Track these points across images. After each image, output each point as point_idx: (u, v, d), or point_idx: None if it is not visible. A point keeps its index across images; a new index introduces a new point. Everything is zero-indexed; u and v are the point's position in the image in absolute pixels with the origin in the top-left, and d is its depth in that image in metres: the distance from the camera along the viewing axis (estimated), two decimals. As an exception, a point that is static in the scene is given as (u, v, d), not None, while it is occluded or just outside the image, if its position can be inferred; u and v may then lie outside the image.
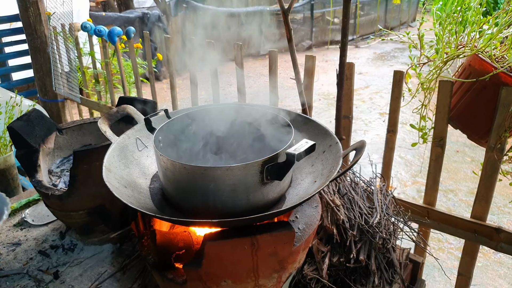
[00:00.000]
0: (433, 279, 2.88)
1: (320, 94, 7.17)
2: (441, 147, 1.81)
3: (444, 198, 3.91)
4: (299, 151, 0.95)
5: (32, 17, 3.90)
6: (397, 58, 9.79)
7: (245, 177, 0.99)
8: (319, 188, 1.03)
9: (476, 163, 4.60)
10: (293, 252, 1.07)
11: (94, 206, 1.58)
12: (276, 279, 1.10)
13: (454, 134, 4.32)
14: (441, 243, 3.28)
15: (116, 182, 1.10)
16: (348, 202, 1.54)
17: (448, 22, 1.78)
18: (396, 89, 1.91)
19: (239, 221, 0.95)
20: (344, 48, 1.72)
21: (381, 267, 1.45)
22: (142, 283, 1.48)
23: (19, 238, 1.76)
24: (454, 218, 1.83)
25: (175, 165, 1.02)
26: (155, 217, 0.97)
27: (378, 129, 5.62)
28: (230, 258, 1.00)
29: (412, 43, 1.88)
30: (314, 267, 1.40)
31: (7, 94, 3.18)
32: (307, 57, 2.09)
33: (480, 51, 1.66)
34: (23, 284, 1.50)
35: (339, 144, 1.18)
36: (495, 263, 3.07)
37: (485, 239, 1.75)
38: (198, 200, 1.04)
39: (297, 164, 1.22)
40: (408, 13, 13.81)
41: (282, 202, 1.13)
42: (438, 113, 1.77)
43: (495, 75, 1.57)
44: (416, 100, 1.92)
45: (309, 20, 10.98)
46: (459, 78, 1.77)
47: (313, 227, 1.16)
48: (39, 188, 1.57)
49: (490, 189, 1.70)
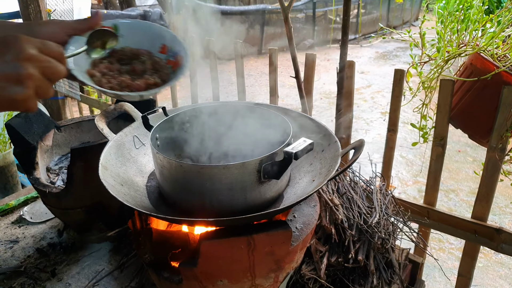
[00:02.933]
0: (433, 279, 2.87)
1: (322, 93, 7.16)
2: (441, 146, 1.79)
3: (445, 198, 3.90)
4: (297, 149, 0.94)
5: (32, 14, 3.89)
6: (399, 57, 9.76)
7: (242, 176, 0.98)
8: (317, 187, 1.02)
9: (478, 163, 4.58)
10: (291, 252, 1.06)
11: (91, 204, 1.57)
12: (273, 279, 1.09)
13: (455, 133, 4.30)
14: (442, 243, 3.27)
15: (112, 180, 1.09)
16: (347, 202, 1.53)
17: (450, 21, 1.77)
18: (396, 88, 1.89)
19: (236, 220, 0.94)
20: (344, 46, 1.71)
21: (380, 268, 1.44)
22: (140, 282, 1.47)
23: (17, 235, 1.76)
24: (454, 218, 1.81)
25: (171, 163, 1.01)
26: (151, 216, 0.96)
27: (379, 129, 5.60)
28: (226, 257, 0.99)
29: (413, 42, 1.86)
30: (312, 267, 1.39)
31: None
32: (307, 56, 2.07)
33: (482, 50, 1.64)
34: (20, 281, 1.49)
35: (338, 143, 1.17)
36: (496, 264, 3.05)
37: (486, 240, 1.74)
38: (194, 198, 1.03)
39: (295, 163, 1.21)
40: (410, 12, 13.78)
41: (279, 201, 1.12)
42: (439, 112, 1.76)
43: (497, 74, 1.56)
44: (417, 99, 1.91)
45: (311, 18, 10.96)
46: (460, 77, 1.75)
47: (311, 227, 1.15)
48: (36, 186, 1.56)
49: (491, 189, 1.69)
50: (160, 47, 1.06)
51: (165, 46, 1.06)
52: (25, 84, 0.64)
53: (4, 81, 0.63)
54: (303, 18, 10.97)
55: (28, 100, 0.66)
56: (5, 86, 0.63)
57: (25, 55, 0.65)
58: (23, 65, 0.64)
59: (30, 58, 0.66)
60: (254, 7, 10.39)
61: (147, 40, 1.05)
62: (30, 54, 0.66)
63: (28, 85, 0.65)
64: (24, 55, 0.65)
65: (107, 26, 0.97)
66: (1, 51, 0.64)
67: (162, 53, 1.06)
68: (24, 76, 0.64)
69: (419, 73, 1.84)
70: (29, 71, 0.65)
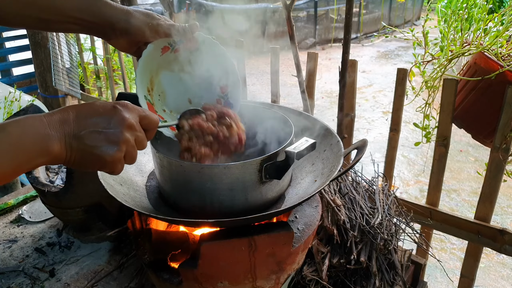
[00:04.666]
0: (435, 280, 2.85)
1: (323, 92, 7.13)
2: (444, 146, 1.78)
3: (447, 198, 3.88)
4: (299, 149, 0.93)
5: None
6: (401, 57, 9.73)
7: (243, 176, 0.96)
8: (320, 188, 1.00)
9: (479, 162, 4.56)
10: (292, 253, 1.05)
11: (91, 203, 1.55)
12: (274, 280, 1.07)
13: (457, 133, 4.28)
14: (444, 243, 3.25)
15: (111, 179, 1.07)
16: (349, 202, 1.52)
17: (453, 19, 1.75)
18: (399, 87, 1.87)
19: (236, 221, 0.93)
20: (346, 45, 1.69)
21: (382, 269, 1.42)
22: (139, 282, 1.46)
23: (16, 235, 1.74)
24: (457, 219, 1.79)
25: (171, 163, 0.99)
26: (150, 216, 0.94)
27: (381, 128, 5.58)
28: (227, 259, 0.98)
29: (416, 41, 1.84)
30: (314, 268, 1.37)
31: (7, 89, 3.16)
32: (309, 55, 2.05)
33: (486, 49, 1.62)
34: (19, 281, 1.48)
35: (341, 142, 1.15)
36: (498, 264, 3.03)
37: (489, 241, 1.72)
38: (195, 199, 1.02)
39: (297, 163, 1.19)
40: (412, 11, 13.74)
41: (281, 201, 1.10)
42: (442, 112, 1.74)
43: (501, 73, 1.54)
44: (419, 98, 1.89)
45: (312, 18, 10.92)
46: (464, 77, 1.73)
47: (313, 228, 1.13)
48: (35, 185, 1.55)
49: (494, 190, 1.67)
50: (221, 87, 1.08)
51: (226, 87, 1.08)
52: (119, 147, 0.70)
53: (104, 141, 0.69)
54: (304, 17, 10.93)
55: (117, 162, 0.72)
56: (102, 145, 0.68)
57: (128, 123, 0.72)
58: (123, 131, 0.71)
59: (131, 126, 0.73)
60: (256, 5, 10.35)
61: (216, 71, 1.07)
62: (131, 124, 0.73)
63: (122, 149, 0.71)
64: (127, 123, 0.71)
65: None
66: (109, 115, 0.71)
67: (222, 92, 1.07)
68: (122, 140, 0.70)
69: (422, 73, 1.82)
70: (126, 137, 0.71)
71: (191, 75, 1.07)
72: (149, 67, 1.02)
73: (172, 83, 1.09)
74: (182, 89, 1.10)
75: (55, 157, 0.65)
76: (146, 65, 1.00)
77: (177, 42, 1.02)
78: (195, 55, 1.04)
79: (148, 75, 1.04)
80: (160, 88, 1.09)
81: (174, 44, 1.03)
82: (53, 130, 0.65)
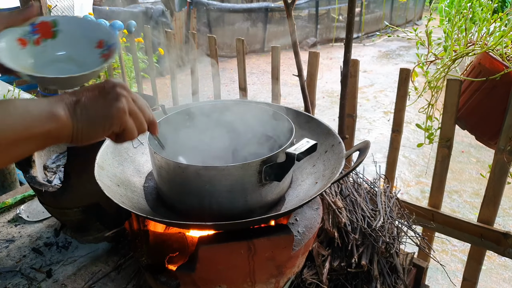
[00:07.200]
0: (436, 282, 2.83)
1: (324, 92, 7.10)
2: (447, 148, 1.75)
3: (448, 199, 3.85)
4: (299, 150, 0.90)
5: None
6: (402, 57, 9.69)
7: (243, 178, 0.94)
8: (320, 190, 0.98)
9: (481, 164, 4.53)
10: (292, 257, 1.03)
11: (89, 203, 1.53)
12: (274, 284, 1.05)
13: (459, 134, 4.23)
14: (445, 245, 3.22)
15: (108, 180, 1.05)
16: (350, 204, 1.49)
17: (457, 19, 1.72)
18: (402, 88, 1.85)
19: (235, 224, 0.90)
20: (348, 45, 1.66)
21: (384, 272, 1.40)
22: (137, 284, 1.44)
23: (13, 234, 1.73)
24: (460, 221, 1.77)
25: (169, 164, 0.97)
26: (147, 218, 0.92)
27: (382, 128, 5.55)
28: (225, 262, 0.96)
29: (419, 40, 1.82)
30: (314, 271, 1.35)
31: (6, 87, 3.14)
32: (310, 54, 2.03)
33: (491, 49, 1.60)
34: (15, 282, 1.46)
35: (342, 144, 1.13)
36: (500, 267, 3.01)
37: (492, 244, 1.70)
38: (193, 200, 0.99)
39: (298, 165, 1.17)
40: (414, 11, 13.69)
41: (281, 204, 1.08)
42: (445, 113, 1.72)
43: (506, 74, 1.51)
44: (421, 99, 1.86)
45: (314, 17, 10.88)
46: (468, 77, 1.71)
47: (314, 230, 1.11)
48: (32, 184, 1.53)
49: (498, 192, 1.64)
50: (97, 42, 1.06)
51: (102, 41, 1.06)
52: (119, 99, 0.71)
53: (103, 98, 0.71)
54: (306, 16, 10.89)
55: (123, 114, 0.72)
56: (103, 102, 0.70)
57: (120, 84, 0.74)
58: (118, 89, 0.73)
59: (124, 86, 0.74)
60: (257, 4, 10.32)
61: (86, 35, 1.06)
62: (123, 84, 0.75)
63: (122, 100, 0.72)
64: (120, 84, 0.74)
65: (46, 20, 0.99)
66: (101, 84, 0.73)
67: (99, 47, 1.06)
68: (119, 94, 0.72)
69: (425, 73, 1.80)
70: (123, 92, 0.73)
71: (70, 56, 1.05)
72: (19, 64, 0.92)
73: (58, 69, 1.05)
74: (68, 68, 1.06)
75: (63, 125, 0.66)
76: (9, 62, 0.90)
77: (29, 32, 0.98)
78: (62, 39, 1.02)
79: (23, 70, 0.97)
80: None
81: (29, 36, 0.99)
82: (54, 101, 0.67)
